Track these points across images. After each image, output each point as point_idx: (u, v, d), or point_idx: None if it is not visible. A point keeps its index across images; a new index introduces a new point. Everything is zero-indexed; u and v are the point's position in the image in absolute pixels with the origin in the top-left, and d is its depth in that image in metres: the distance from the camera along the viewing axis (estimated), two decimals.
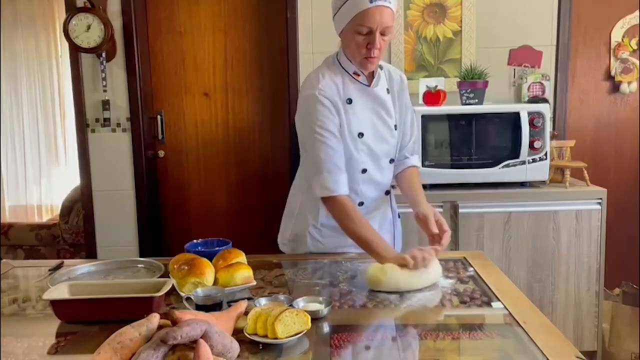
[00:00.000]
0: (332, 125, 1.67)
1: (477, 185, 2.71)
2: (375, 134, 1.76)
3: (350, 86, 1.72)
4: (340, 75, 1.72)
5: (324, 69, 1.74)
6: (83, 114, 3.27)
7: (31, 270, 1.76)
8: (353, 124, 1.71)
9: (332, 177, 1.66)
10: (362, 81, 1.73)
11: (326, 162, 1.66)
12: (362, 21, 1.58)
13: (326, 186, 1.67)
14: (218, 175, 3.49)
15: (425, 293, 1.44)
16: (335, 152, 1.67)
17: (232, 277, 1.44)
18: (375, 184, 1.80)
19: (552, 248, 2.66)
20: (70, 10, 3.14)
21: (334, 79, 1.70)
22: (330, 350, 1.14)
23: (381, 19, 1.57)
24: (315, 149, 1.68)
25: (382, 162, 1.80)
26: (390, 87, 1.81)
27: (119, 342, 0.99)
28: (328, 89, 1.68)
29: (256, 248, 1.82)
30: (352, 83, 1.72)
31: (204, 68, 3.40)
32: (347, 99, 1.71)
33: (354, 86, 1.72)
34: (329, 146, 1.66)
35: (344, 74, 1.72)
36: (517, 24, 3.12)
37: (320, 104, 1.66)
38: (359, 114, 1.72)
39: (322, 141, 1.66)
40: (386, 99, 1.77)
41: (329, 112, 1.67)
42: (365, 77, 1.74)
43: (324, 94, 1.67)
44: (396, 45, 3.15)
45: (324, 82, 1.69)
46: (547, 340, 1.14)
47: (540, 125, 2.66)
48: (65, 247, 4.09)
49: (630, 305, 2.80)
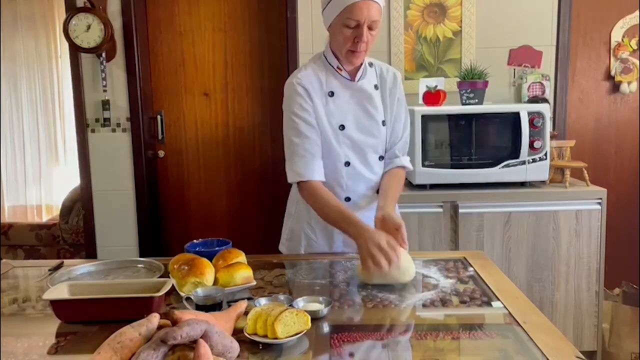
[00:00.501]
0: (306, 113, 1.72)
1: (477, 185, 2.71)
2: (359, 127, 1.77)
3: (333, 80, 1.76)
4: (324, 69, 1.77)
5: (309, 63, 1.82)
6: (83, 114, 3.27)
7: (31, 270, 1.76)
8: (334, 116, 1.74)
9: (302, 162, 1.70)
10: (344, 75, 1.76)
11: (298, 147, 1.71)
12: (350, 14, 1.62)
13: (297, 171, 1.71)
14: (218, 175, 3.49)
15: (425, 293, 1.44)
16: (307, 138, 1.71)
17: (232, 277, 1.44)
18: (362, 179, 1.80)
19: (552, 248, 2.66)
20: (70, 10, 3.14)
21: (316, 72, 1.76)
22: (330, 350, 1.14)
23: (369, 13, 1.61)
24: (289, 135, 1.74)
25: (369, 157, 1.80)
26: (380, 84, 1.82)
27: (119, 342, 0.99)
28: (306, 79, 1.74)
29: (256, 248, 1.82)
30: (335, 77, 1.76)
31: (204, 68, 3.40)
32: (329, 92, 1.75)
33: (337, 80, 1.76)
34: (301, 132, 1.71)
35: (328, 68, 1.77)
36: (517, 24, 3.13)
37: (295, 92, 1.73)
38: (342, 107, 1.75)
39: (295, 127, 1.72)
40: (372, 94, 1.79)
41: (303, 100, 1.72)
42: (348, 72, 1.77)
43: (300, 82, 1.73)
44: (396, 45, 3.15)
45: (304, 72, 1.76)
46: (547, 340, 1.14)
47: (540, 125, 2.65)
48: (65, 247, 4.09)
49: (630, 305, 2.80)
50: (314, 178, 1.70)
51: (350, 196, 1.81)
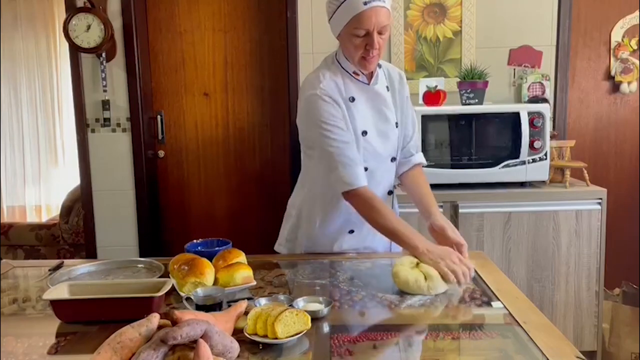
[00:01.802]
0: (338, 119, 1.66)
1: (477, 185, 2.71)
2: (378, 132, 1.76)
3: (351, 85, 1.72)
4: (340, 74, 1.72)
5: (324, 70, 1.73)
6: (83, 114, 3.27)
7: (31, 270, 1.76)
8: (357, 121, 1.71)
9: (347, 171, 1.65)
10: (362, 80, 1.73)
11: (339, 156, 1.65)
12: (358, 24, 1.58)
13: (344, 180, 1.65)
14: (218, 175, 3.49)
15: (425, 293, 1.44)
16: (346, 144, 1.66)
17: (232, 277, 1.44)
18: (375, 184, 1.78)
19: (552, 248, 2.66)
20: (70, 10, 3.14)
21: (334, 79, 1.70)
22: (330, 350, 1.14)
23: (377, 20, 1.57)
24: (325, 146, 1.66)
25: (385, 161, 1.80)
26: (390, 85, 1.81)
27: (119, 342, 0.99)
28: (329, 88, 1.68)
29: (256, 248, 1.81)
30: (352, 82, 1.72)
31: (204, 68, 3.40)
32: (349, 98, 1.71)
33: (355, 85, 1.72)
34: (338, 140, 1.65)
35: (343, 73, 1.72)
36: (517, 24, 3.13)
37: (323, 101, 1.66)
38: (362, 112, 1.72)
39: (330, 137, 1.65)
40: (387, 97, 1.77)
41: (332, 108, 1.66)
42: (365, 76, 1.74)
43: (325, 92, 1.67)
44: (396, 45, 3.15)
45: (325, 82, 1.69)
46: (547, 340, 1.14)
47: (540, 125, 2.66)
48: (65, 247, 4.09)
49: (630, 305, 2.80)
50: (360, 185, 1.64)
51: None
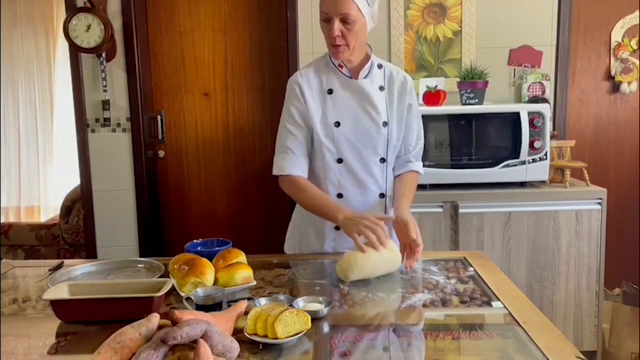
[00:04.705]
0: (295, 111, 1.77)
1: (477, 185, 2.71)
2: (357, 126, 1.77)
3: (334, 78, 1.79)
4: (326, 67, 1.80)
5: (313, 62, 1.85)
6: (83, 114, 3.27)
7: (31, 270, 1.76)
8: (331, 113, 1.77)
9: (283, 157, 1.77)
10: (345, 73, 1.79)
11: (282, 144, 1.78)
12: (321, 7, 1.68)
13: (277, 164, 1.78)
14: (218, 175, 3.49)
15: (425, 293, 1.44)
16: (292, 136, 1.77)
17: (232, 277, 1.44)
18: (355, 177, 1.79)
19: (552, 248, 2.66)
20: (70, 10, 3.14)
21: (318, 70, 1.80)
22: (330, 350, 1.14)
23: (335, 6, 1.64)
24: (280, 130, 1.81)
25: (366, 157, 1.79)
26: (387, 86, 1.81)
27: (119, 342, 0.99)
28: (304, 78, 1.79)
29: (256, 248, 1.82)
30: (336, 75, 1.79)
31: (204, 68, 3.40)
32: (328, 90, 1.78)
33: (338, 78, 1.79)
34: (287, 129, 1.78)
35: (329, 65, 1.80)
36: (517, 24, 3.13)
37: (291, 90, 1.79)
38: (340, 105, 1.77)
39: (283, 125, 1.79)
40: (373, 95, 1.78)
41: (296, 99, 1.77)
42: (349, 70, 1.78)
43: (297, 80, 1.78)
44: (396, 45, 3.15)
45: (305, 70, 1.81)
46: (547, 340, 1.14)
47: (540, 125, 2.66)
48: (65, 247, 4.09)
49: (630, 305, 2.80)
50: (293, 173, 1.76)
51: (342, 193, 1.81)
